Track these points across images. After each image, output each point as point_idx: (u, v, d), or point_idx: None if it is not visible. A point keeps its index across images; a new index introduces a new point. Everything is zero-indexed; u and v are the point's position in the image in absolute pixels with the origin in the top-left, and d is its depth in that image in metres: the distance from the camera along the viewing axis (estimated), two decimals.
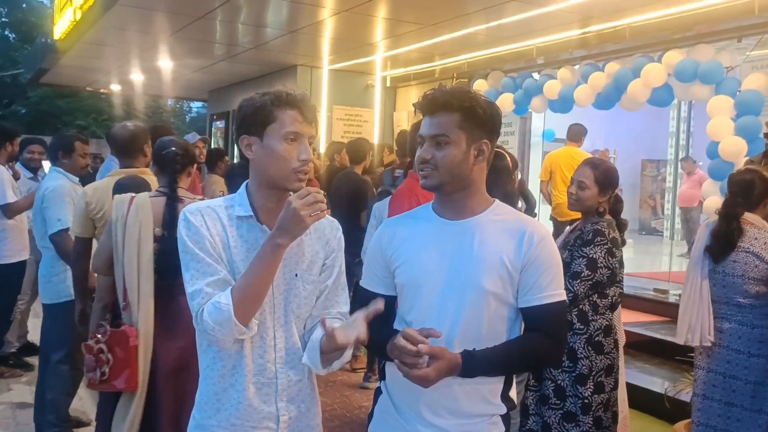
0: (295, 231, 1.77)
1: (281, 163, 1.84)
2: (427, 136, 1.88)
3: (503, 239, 1.87)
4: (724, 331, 3.39)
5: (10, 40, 30.68)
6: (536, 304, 1.86)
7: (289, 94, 1.86)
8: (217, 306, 1.77)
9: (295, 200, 1.74)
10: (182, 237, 1.86)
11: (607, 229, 3.23)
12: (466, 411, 1.88)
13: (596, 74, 7.03)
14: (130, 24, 7.93)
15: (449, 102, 1.85)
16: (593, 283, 3.16)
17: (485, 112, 1.87)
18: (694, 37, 6.28)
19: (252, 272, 1.79)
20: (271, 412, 1.90)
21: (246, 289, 1.78)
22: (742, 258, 3.32)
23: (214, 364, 1.90)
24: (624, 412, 3.41)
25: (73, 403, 4.54)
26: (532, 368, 1.93)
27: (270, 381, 1.90)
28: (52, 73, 12.50)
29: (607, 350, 3.21)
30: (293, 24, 7.60)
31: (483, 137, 1.88)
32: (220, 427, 1.89)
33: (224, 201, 1.94)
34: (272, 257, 1.79)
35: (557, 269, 1.89)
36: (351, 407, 4.96)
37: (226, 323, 1.76)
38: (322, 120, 10.09)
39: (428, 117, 1.89)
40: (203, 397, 1.93)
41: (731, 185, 3.46)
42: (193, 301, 1.81)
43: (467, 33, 7.46)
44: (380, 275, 2.01)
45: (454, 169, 1.86)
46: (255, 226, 1.89)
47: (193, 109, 33.46)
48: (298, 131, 1.85)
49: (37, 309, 7.19)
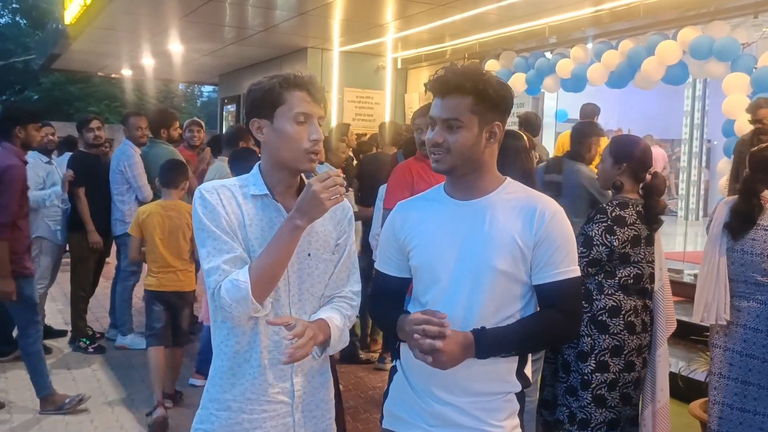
0: (313, 213, 1.79)
1: (292, 144, 1.86)
2: (439, 118, 1.86)
3: (514, 217, 1.86)
4: (742, 310, 3.36)
5: (21, 26, 30.79)
6: (550, 280, 1.85)
7: (296, 76, 1.88)
8: (235, 284, 1.79)
9: (316, 183, 1.76)
10: (198, 215, 1.87)
11: (612, 207, 3.20)
12: (479, 389, 1.88)
13: (609, 52, 6.96)
14: (140, 8, 7.93)
15: (462, 84, 1.83)
16: (590, 260, 3.16)
17: (498, 94, 1.85)
18: (710, 13, 6.20)
19: (270, 252, 1.82)
20: (286, 388, 1.94)
21: (264, 268, 1.80)
22: (761, 236, 3.28)
23: (228, 339, 1.93)
24: (662, 401, 3.40)
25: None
26: (548, 345, 1.92)
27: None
28: (63, 58, 12.54)
29: (614, 331, 3.19)
30: (303, 6, 7.57)
31: (495, 119, 1.86)
32: (236, 401, 1.92)
33: (238, 180, 1.96)
34: (290, 238, 1.81)
35: (570, 245, 1.88)
36: (365, 388, 4.99)
37: (243, 301, 1.79)
38: (333, 102, 10.07)
39: (439, 99, 1.87)
40: (217, 372, 1.96)
41: (752, 162, 3.41)
42: (210, 277, 1.83)
43: (478, 12, 7.40)
44: (394, 258, 2.03)
45: (466, 153, 1.85)
46: (270, 204, 1.92)
47: (204, 93, 33.52)
48: (308, 112, 1.87)
49: (53, 293, 7.28)
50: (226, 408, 1.93)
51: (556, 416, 3.38)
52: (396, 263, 2.02)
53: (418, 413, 1.94)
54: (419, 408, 1.94)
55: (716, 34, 6.00)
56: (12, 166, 4.30)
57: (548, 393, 3.46)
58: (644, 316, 3.28)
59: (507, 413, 1.90)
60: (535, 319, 1.88)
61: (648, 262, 3.29)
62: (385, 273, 2.05)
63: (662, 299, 3.37)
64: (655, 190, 3.28)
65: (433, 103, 1.91)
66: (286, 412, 1.95)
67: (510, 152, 3.65)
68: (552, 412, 3.44)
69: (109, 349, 5.91)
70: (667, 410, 3.42)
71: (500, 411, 1.90)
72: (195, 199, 1.90)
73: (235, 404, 1.92)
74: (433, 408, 1.90)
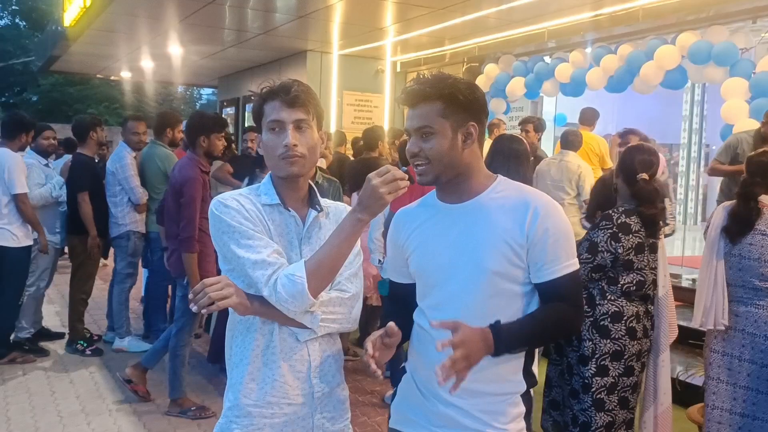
0: (374, 207, 1.80)
1: (269, 153, 1.93)
2: (412, 129, 1.88)
3: (505, 217, 1.85)
4: (740, 315, 3.36)
5: (20, 28, 30.79)
6: (550, 278, 1.83)
7: (272, 86, 1.94)
8: (291, 278, 1.81)
9: (375, 177, 1.78)
10: (222, 219, 1.88)
11: (618, 214, 3.21)
12: (485, 390, 1.86)
13: (608, 57, 6.97)
14: (139, 10, 7.93)
15: (428, 92, 1.84)
16: (594, 266, 3.17)
17: (466, 96, 1.85)
18: (709, 18, 6.21)
19: (330, 246, 1.85)
20: (306, 389, 1.94)
21: (322, 261, 1.84)
22: (759, 240, 3.28)
23: (246, 346, 1.94)
24: (665, 405, 3.40)
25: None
26: (558, 337, 1.91)
27: (302, 358, 1.94)
28: (62, 60, 12.52)
29: (616, 336, 3.19)
30: (303, 8, 7.57)
31: (469, 120, 1.87)
32: (256, 407, 1.93)
33: (249, 191, 1.99)
34: (352, 231, 1.84)
35: (566, 239, 1.86)
36: (364, 392, 4.99)
37: (299, 295, 1.80)
38: (332, 106, 10.07)
39: (411, 110, 1.89)
40: (236, 379, 1.96)
41: (750, 166, 3.42)
42: (258, 271, 1.83)
43: (478, 16, 7.40)
44: (398, 266, 2.05)
45: (444, 159, 1.85)
46: (284, 212, 1.95)
47: (204, 96, 33.49)
48: (278, 119, 1.91)
49: (51, 295, 7.28)
50: (246, 414, 1.93)
51: (564, 418, 3.41)
52: (401, 270, 2.05)
53: (424, 414, 1.94)
54: (425, 409, 1.94)
55: (715, 38, 6.01)
56: (192, 179, 4.38)
57: (557, 393, 3.47)
58: (645, 322, 3.29)
59: (512, 416, 1.90)
60: (545, 311, 1.86)
61: (651, 269, 3.30)
62: (393, 281, 2.09)
63: (666, 306, 3.39)
64: (641, 197, 3.27)
65: (406, 117, 1.93)
66: (306, 414, 1.96)
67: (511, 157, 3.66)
68: (560, 412, 3.45)
69: (107, 352, 5.90)
70: (669, 414, 3.43)
71: (505, 413, 1.89)
72: (214, 208, 1.91)
73: (255, 410, 1.92)
74: (438, 409, 1.90)
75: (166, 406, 4.59)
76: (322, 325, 1.91)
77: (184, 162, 4.57)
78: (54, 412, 4.57)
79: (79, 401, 4.78)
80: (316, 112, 1.97)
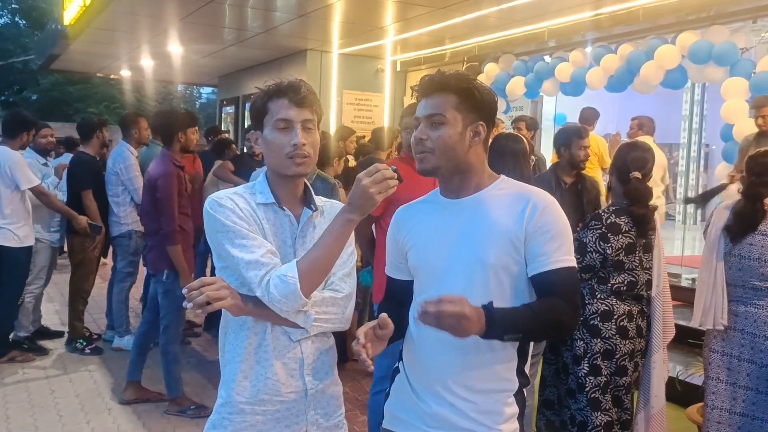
0: (365, 207, 1.81)
1: (275, 151, 1.92)
2: (423, 116, 1.88)
3: (506, 211, 1.85)
4: (740, 315, 3.36)
5: (20, 27, 30.78)
6: (544, 270, 1.81)
7: (279, 84, 1.94)
8: (284, 279, 1.81)
9: (365, 177, 1.78)
10: (216, 218, 1.88)
11: (608, 214, 3.21)
12: (479, 387, 1.87)
13: (609, 56, 6.96)
14: (139, 9, 7.91)
15: (446, 83, 1.87)
16: (583, 266, 3.18)
17: (482, 96, 1.88)
18: (709, 18, 6.20)
19: (321, 246, 1.85)
20: (299, 386, 1.95)
21: (314, 261, 1.84)
22: (759, 241, 3.28)
23: (239, 343, 1.94)
24: (656, 407, 3.39)
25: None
26: (552, 332, 1.89)
27: (295, 356, 1.94)
28: (62, 59, 12.51)
29: (606, 335, 3.19)
30: (303, 8, 7.56)
31: (480, 119, 1.88)
32: (249, 404, 1.93)
33: (244, 189, 1.99)
34: (342, 231, 1.84)
35: (564, 237, 1.85)
36: (362, 391, 4.99)
37: (292, 296, 1.81)
38: (332, 105, 10.06)
39: (424, 99, 1.90)
40: (229, 377, 1.97)
41: (755, 166, 3.40)
42: (251, 271, 1.84)
43: (478, 16, 7.40)
44: (397, 262, 2.05)
45: (449, 151, 1.85)
46: (279, 211, 1.95)
47: (203, 94, 33.51)
48: (287, 117, 1.91)
49: (50, 294, 7.27)
50: (238, 411, 1.94)
51: (561, 417, 3.40)
52: (399, 267, 2.05)
53: (418, 414, 1.94)
54: (419, 409, 1.94)
55: (715, 38, 6.00)
56: (167, 173, 4.42)
57: (550, 393, 3.48)
58: (639, 321, 3.28)
59: (506, 416, 1.89)
60: (539, 303, 1.84)
61: (645, 269, 3.28)
62: (392, 277, 2.09)
63: (659, 305, 3.37)
64: (632, 196, 3.25)
65: (418, 107, 1.92)
66: (299, 411, 1.96)
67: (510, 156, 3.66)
68: (554, 412, 3.45)
69: (106, 351, 5.90)
70: (662, 416, 3.42)
71: (499, 414, 1.88)
72: (209, 207, 1.90)
73: (248, 407, 1.93)
74: (432, 409, 1.90)
75: (165, 405, 4.60)
76: (315, 325, 1.92)
77: (158, 158, 4.65)
78: (53, 411, 4.57)
79: (79, 400, 4.78)
80: (319, 113, 1.98)
